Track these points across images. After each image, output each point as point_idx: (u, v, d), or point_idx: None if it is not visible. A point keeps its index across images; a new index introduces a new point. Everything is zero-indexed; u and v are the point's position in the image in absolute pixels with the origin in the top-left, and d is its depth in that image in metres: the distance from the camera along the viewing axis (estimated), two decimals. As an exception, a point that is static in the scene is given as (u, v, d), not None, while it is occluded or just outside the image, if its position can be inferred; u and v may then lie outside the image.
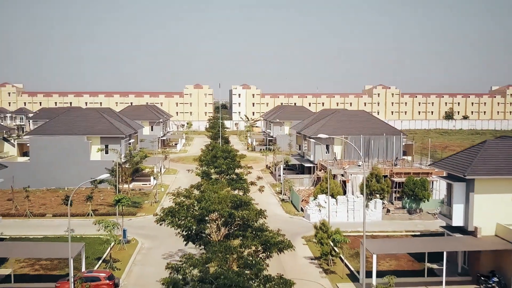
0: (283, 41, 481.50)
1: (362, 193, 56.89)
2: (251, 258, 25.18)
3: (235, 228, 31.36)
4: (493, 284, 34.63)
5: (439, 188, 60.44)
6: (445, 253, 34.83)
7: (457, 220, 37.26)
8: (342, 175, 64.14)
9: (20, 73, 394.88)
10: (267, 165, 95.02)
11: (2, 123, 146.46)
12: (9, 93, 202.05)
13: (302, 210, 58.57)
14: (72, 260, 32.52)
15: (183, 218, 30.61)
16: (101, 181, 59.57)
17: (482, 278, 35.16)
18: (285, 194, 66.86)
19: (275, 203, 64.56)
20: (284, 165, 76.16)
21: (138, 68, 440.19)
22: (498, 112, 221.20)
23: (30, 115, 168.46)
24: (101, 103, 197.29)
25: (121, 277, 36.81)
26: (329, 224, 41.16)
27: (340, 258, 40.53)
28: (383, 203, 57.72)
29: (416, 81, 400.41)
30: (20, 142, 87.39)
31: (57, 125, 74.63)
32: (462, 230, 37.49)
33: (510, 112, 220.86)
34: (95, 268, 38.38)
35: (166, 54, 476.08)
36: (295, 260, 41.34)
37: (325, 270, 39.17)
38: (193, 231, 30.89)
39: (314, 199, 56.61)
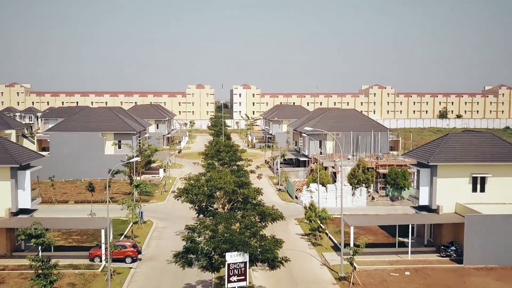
0: (283, 42, 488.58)
1: (349, 183, 64.10)
2: (250, 222, 32.29)
3: (238, 204, 38.57)
4: (451, 252, 41.79)
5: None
6: (410, 226, 42.06)
7: (423, 200, 44.49)
8: (333, 167, 71.30)
9: (27, 74, 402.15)
10: (266, 160, 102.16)
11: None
12: (17, 93, 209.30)
13: (296, 198, 65.72)
14: (103, 231, 39.74)
15: (195, 194, 37.88)
16: (117, 172, 66.68)
17: (442, 247, 42.34)
18: (282, 185, 74.04)
19: (272, 192, 71.70)
20: (281, 159, 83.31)
21: (141, 68, 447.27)
22: (490, 111, 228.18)
23: (39, 114, 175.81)
24: (106, 102, 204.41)
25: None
26: (317, 206, 48.37)
27: (326, 233, 47.75)
28: (368, 191, 64.88)
29: (411, 81, 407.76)
30: (40, 138, 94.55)
31: (74, 123, 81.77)
32: (427, 208, 44.68)
33: (502, 111, 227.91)
34: (119, 241, 45.57)
35: (168, 55, 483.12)
36: (288, 236, 48.49)
37: (313, 243, 46.38)
38: (204, 205, 38.12)
39: (307, 187, 63.77)
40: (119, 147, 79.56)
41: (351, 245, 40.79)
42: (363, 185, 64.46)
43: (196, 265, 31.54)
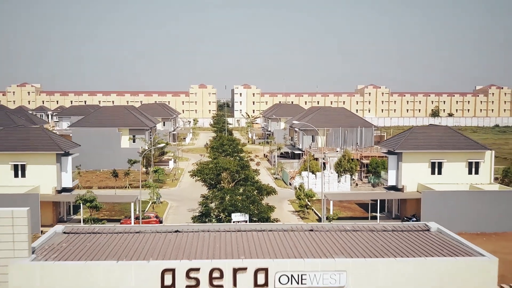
0: (282, 42, 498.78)
1: (335, 171, 74.00)
2: (250, 194, 42.20)
3: (240, 182, 48.51)
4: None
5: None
6: (379, 201, 51.97)
7: (391, 181, 54.41)
8: (323, 158, 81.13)
9: (36, 74, 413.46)
10: (264, 154, 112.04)
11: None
12: (28, 93, 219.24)
13: (290, 184, 75.59)
14: (133, 204, 49.66)
15: (206, 174, 47.85)
16: (134, 162, 76.51)
17: (406, 218, 52.20)
18: (278, 174, 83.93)
19: (269, 180, 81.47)
20: (278, 153, 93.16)
21: (146, 68, 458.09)
22: (481, 110, 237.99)
23: (49, 112, 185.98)
24: (113, 101, 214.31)
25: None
26: (306, 187, 58.29)
27: (312, 209, 57.69)
28: (352, 179, 74.73)
29: (405, 81, 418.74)
30: (61, 134, 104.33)
31: (93, 119, 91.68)
32: (395, 188, 54.58)
33: (492, 110, 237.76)
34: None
35: (172, 56, 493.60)
36: (281, 212, 58.36)
37: (301, 217, 56.28)
38: (213, 183, 48.11)
39: (300, 175, 73.64)
40: (134, 141, 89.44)
41: (331, 211, 50.63)
42: (348, 173, 74.27)
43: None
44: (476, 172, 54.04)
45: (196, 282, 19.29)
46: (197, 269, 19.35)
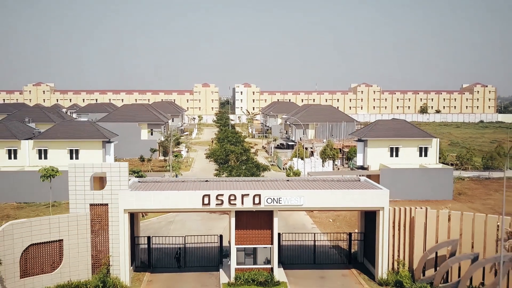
0: (281, 44, 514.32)
1: (320, 157, 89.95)
2: (250, 169, 58.10)
3: (243, 161, 64.49)
4: (375, 193, 67.43)
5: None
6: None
7: (359, 162, 70.35)
8: (311, 147, 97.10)
9: (50, 73, 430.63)
10: (263, 146, 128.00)
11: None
12: (43, 91, 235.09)
13: (283, 169, 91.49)
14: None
15: (217, 155, 63.82)
16: (154, 151, 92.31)
17: (369, 190, 68.05)
18: (274, 161, 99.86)
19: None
20: (275, 144, 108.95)
21: (153, 68, 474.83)
22: (466, 106, 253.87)
23: (64, 110, 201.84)
24: (122, 99, 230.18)
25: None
26: (294, 168, 74.18)
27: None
28: (335, 164, 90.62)
29: (395, 79, 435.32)
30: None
31: (117, 115, 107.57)
32: (362, 167, 70.51)
33: (477, 106, 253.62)
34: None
35: (176, 56, 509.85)
36: (275, 187, 74.31)
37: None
38: (222, 162, 64.11)
39: (291, 160, 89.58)
40: (151, 134, 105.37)
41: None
42: (330, 159, 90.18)
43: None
44: (426, 155, 70.01)
45: (221, 201, 35.00)
46: (221, 195, 35.03)
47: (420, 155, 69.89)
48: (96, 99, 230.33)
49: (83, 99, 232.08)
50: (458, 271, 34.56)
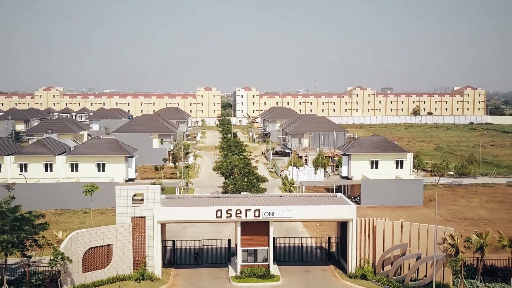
0: (282, 45, 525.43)
1: (313, 165, 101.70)
2: (251, 181, 69.80)
3: (245, 174, 76.21)
4: (357, 200, 79.28)
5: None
6: (335, 186, 79.53)
7: (344, 173, 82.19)
8: (305, 156, 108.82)
9: (60, 77, 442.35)
10: (262, 152, 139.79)
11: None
12: (53, 95, 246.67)
13: (280, 176, 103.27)
14: (177, 188, 77.29)
15: (224, 168, 75.59)
16: (166, 160, 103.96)
17: (353, 198, 79.81)
18: (272, 168, 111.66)
19: (266, 172, 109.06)
20: (273, 152, 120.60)
21: (158, 73, 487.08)
22: (457, 109, 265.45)
23: (73, 113, 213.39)
24: (128, 103, 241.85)
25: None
26: (290, 177, 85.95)
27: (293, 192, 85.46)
28: (326, 171, 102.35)
29: (389, 82, 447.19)
30: (105, 137, 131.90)
31: (131, 126, 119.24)
32: (347, 178, 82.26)
33: (468, 109, 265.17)
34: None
35: (180, 61, 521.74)
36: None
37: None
38: (227, 174, 75.89)
39: (287, 168, 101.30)
40: (162, 143, 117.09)
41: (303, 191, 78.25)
42: (322, 167, 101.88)
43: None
44: (401, 167, 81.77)
45: (230, 215, 46.68)
46: (230, 209, 46.79)
47: (397, 167, 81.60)
48: (104, 103, 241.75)
49: (91, 103, 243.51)
50: (408, 267, 46.30)
